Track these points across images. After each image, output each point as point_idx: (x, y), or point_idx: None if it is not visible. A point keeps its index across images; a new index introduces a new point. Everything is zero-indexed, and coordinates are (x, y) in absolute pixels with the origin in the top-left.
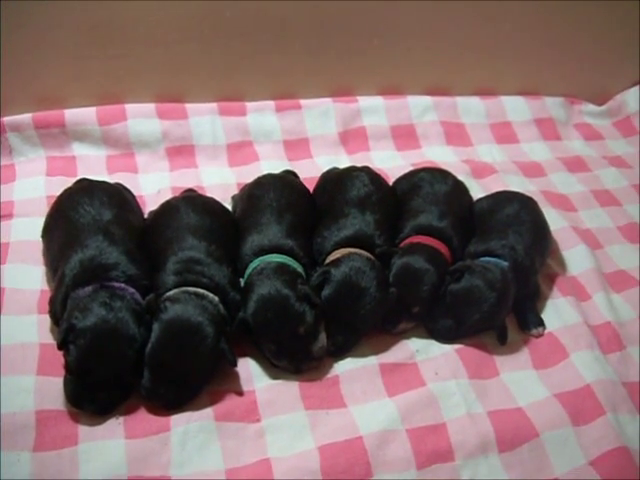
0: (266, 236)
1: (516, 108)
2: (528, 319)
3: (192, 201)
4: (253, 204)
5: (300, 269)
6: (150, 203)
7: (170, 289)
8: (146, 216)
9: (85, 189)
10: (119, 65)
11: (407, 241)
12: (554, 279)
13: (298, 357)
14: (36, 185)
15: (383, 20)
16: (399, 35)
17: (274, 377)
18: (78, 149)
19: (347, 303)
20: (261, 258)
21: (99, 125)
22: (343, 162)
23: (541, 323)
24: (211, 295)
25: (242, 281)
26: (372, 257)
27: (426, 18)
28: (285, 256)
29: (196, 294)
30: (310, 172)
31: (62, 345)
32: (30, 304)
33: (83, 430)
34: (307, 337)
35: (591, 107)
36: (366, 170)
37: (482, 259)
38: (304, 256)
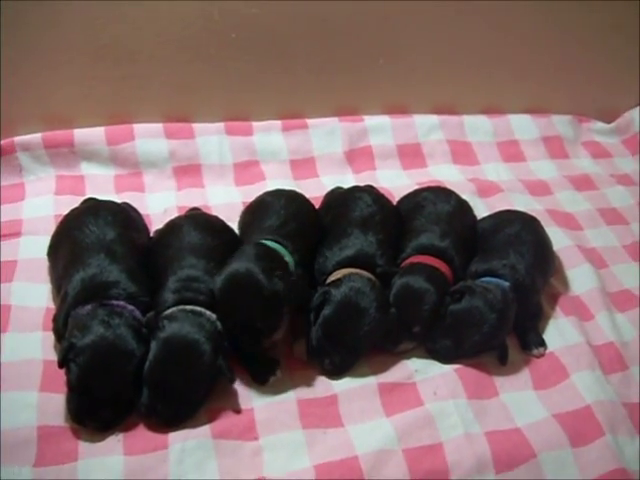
0: (266, 235)
1: (523, 126)
2: (529, 339)
3: (195, 220)
4: (261, 209)
5: (289, 259)
6: (156, 222)
7: (169, 307)
8: (152, 235)
9: (91, 209)
10: (127, 85)
11: (408, 261)
12: (557, 298)
13: (249, 342)
14: (45, 204)
15: (389, 39)
16: (405, 54)
17: (273, 395)
18: (87, 168)
19: (346, 323)
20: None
21: (107, 145)
22: (349, 181)
23: (542, 343)
24: (208, 312)
25: None
26: (373, 277)
27: (432, 37)
28: (278, 245)
29: (193, 312)
30: (316, 191)
31: (63, 363)
32: (35, 321)
33: (83, 446)
34: (263, 330)
35: (600, 125)
36: (369, 190)
37: (483, 279)
38: (298, 255)
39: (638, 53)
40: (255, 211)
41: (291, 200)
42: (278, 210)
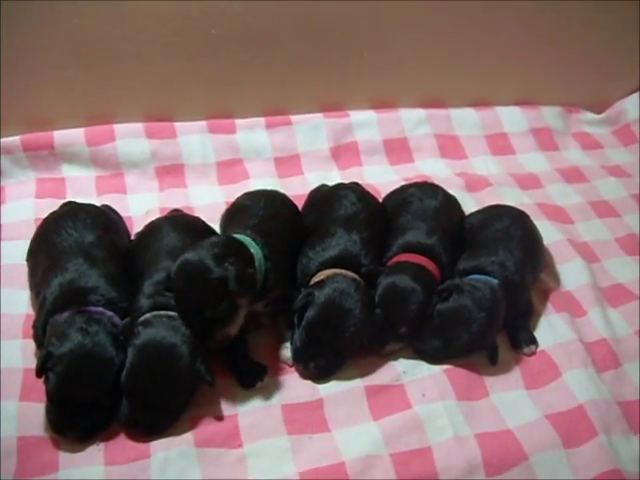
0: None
1: (512, 119)
2: (520, 337)
3: (174, 221)
4: (240, 212)
5: (256, 251)
6: (138, 224)
7: (145, 313)
8: (133, 237)
9: (69, 212)
10: (107, 85)
11: (394, 259)
12: (548, 294)
13: (201, 334)
14: (25, 207)
15: (373, 32)
16: (390, 47)
17: (257, 401)
18: (67, 170)
19: (331, 325)
20: None
21: (88, 146)
22: (334, 178)
23: (533, 341)
24: None
25: None
26: (357, 277)
27: (418, 29)
28: (248, 238)
29: (168, 316)
30: (301, 189)
31: (40, 373)
32: (15, 328)
33: (64, 457)
34: (214, 321)
35: (590, 115)
36: (354, 187)
37: (472, 277)
38: (267, 250)
39: (628, 43)
40: (234, 215)
41: (270, 201)
42: (256, 212)
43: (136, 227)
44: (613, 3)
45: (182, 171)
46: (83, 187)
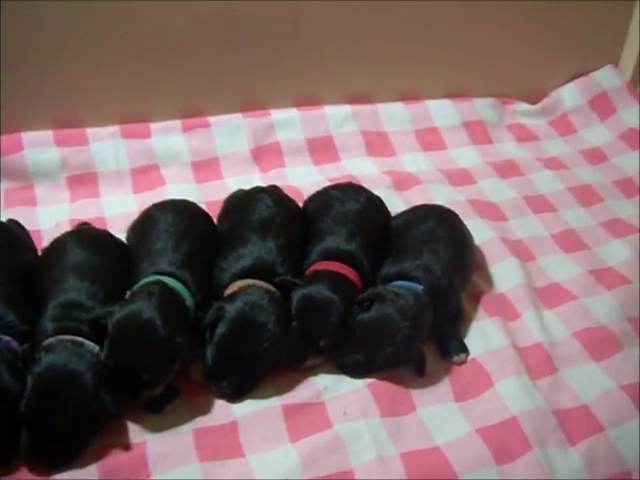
0: (160, 265)
1: (443, 112)
2: (449, 345)
3: (79, 236)
4: (148, 228)
5: (190, 303)
6: (48, 238)
7: (49, 337)
8: (40, 253)
9: None
10: (12, 91)
11: (312, 268)
12: (479, 298)
13: (128, 391)
14: None
15: (292, 27)
16: (310, 40)
17: (167, 426)
18: None
19: (243, 341)
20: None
21: None
22: (256, 181)
23: (464, 349)
24: (91, 343)
25: None
26: (272, 288)
27: (339, 20)
28: (180, 284)
29: (73, 342)
30: (221, 194)
31: None
32: None
33: None
34: (146, 383)
35: (524, 106)
36: (271, 190)
37: (395, 283)
38: (198, 292)
39: (562, 30)
40: (142, 231)
41: (180, 213)
42: (167, 228)
43: (46, 241)
44: None
45: (95, 180)
46: None
